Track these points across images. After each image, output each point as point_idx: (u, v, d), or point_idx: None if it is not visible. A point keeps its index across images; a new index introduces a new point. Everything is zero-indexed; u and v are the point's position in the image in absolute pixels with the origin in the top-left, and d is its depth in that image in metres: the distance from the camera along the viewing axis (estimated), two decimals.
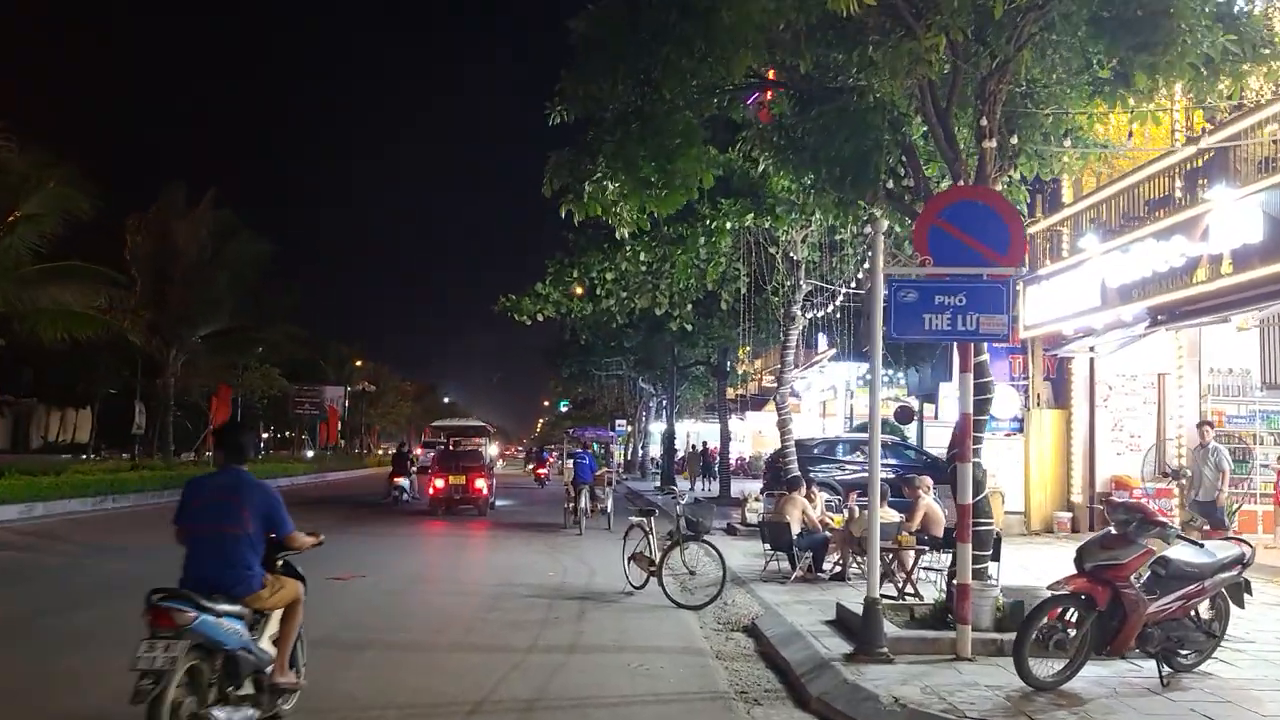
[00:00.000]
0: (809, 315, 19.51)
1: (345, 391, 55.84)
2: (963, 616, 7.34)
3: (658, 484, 35.82)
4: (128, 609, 5.71)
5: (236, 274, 31.51)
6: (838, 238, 19.31)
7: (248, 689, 5.41)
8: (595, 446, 51.49)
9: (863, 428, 32.82)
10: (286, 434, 66.98)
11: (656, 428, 50.77)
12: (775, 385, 27.99)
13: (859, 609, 8.54)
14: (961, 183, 8.53)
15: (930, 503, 11.62)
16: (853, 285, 19.31)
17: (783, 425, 18.98)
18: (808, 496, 12.27)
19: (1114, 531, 6.56)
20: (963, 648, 7.31)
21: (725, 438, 28.55)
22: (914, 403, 32.21)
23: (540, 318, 18.60)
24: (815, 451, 21.12)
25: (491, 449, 30.79)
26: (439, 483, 23.33)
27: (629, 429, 57.10)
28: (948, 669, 7.11)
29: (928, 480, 12.13)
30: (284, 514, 5.77)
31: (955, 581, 7.54)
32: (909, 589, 9.87)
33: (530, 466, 49.38)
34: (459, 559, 14.97)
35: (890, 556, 10.17)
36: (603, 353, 38.36)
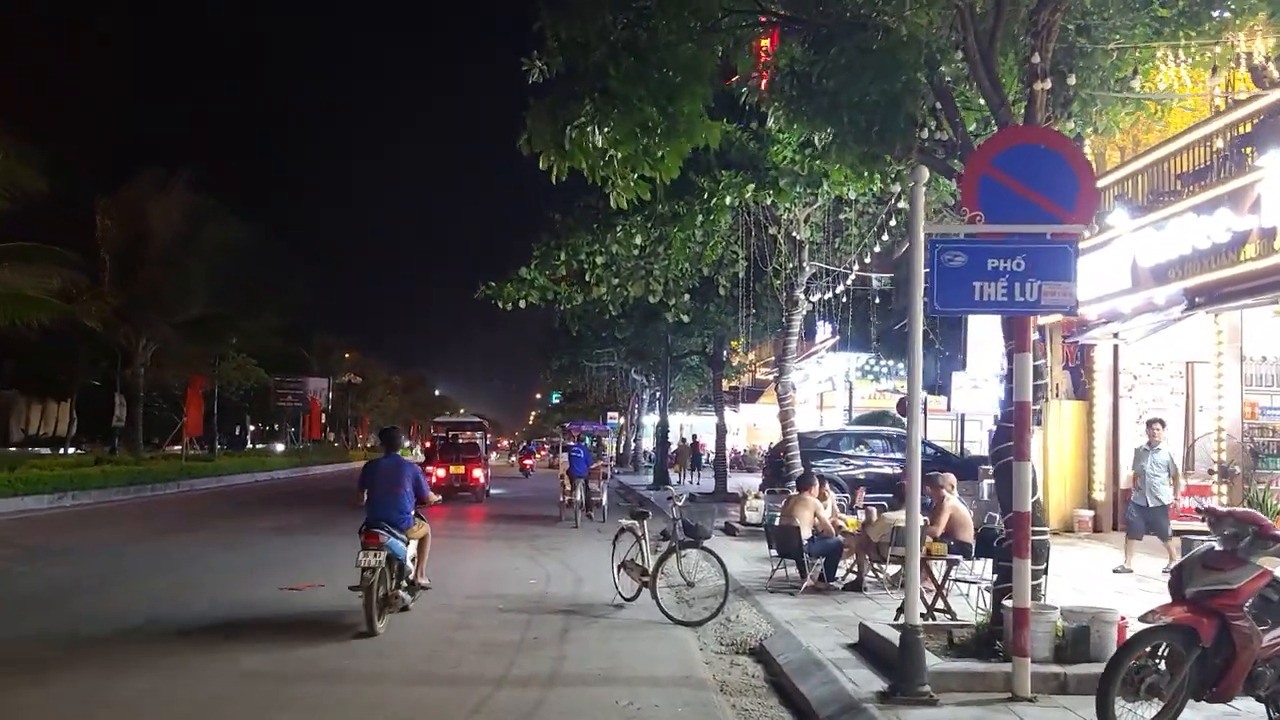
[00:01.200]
0: (813, 299, 18.22)
1: (329, 383, 54.42)
2: (1020, 648, 6.07)
3: (651, 479, 34.58)
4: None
5: (211, 259, 30.10)
6: (842, 217, 18.10)
7: (404, 584, 9.31)
8: (588, 440, 50.51)
9: (864, 420, 31.78)
10: (274, 426, 65.55)
11: (649, 420, 49.56)
12: (775, 376, 26.68)
13: (885, 631, 7.30)
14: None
15: (956, 503, 10.36)
16: (860, 265, 18.06)
17: (785, 417, 17.73)
18: (820, 496, 11.00)
19: (1219, 548, 5.30)
20: (1020, 685, 6.04)
21: (721, 431, 27.28)
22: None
23: (524, 304, 17.31)
24: (819, 445, 19.86)
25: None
26: (440, 472, 25.31)
27: (620, 422, 55.82)
28: (1005, 713, 5.85)
29: (951, 478, 10.87)
30: (424, 483, 9.63)
31: (1011, 604, 6.27)
32: (939, 605, 8.59)
33: (516, 458, 53.04)
34: (434, 563, 13.66)
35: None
36: (594, 344, 37.07)
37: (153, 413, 43.42)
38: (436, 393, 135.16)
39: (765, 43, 11.61)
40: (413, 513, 9.38)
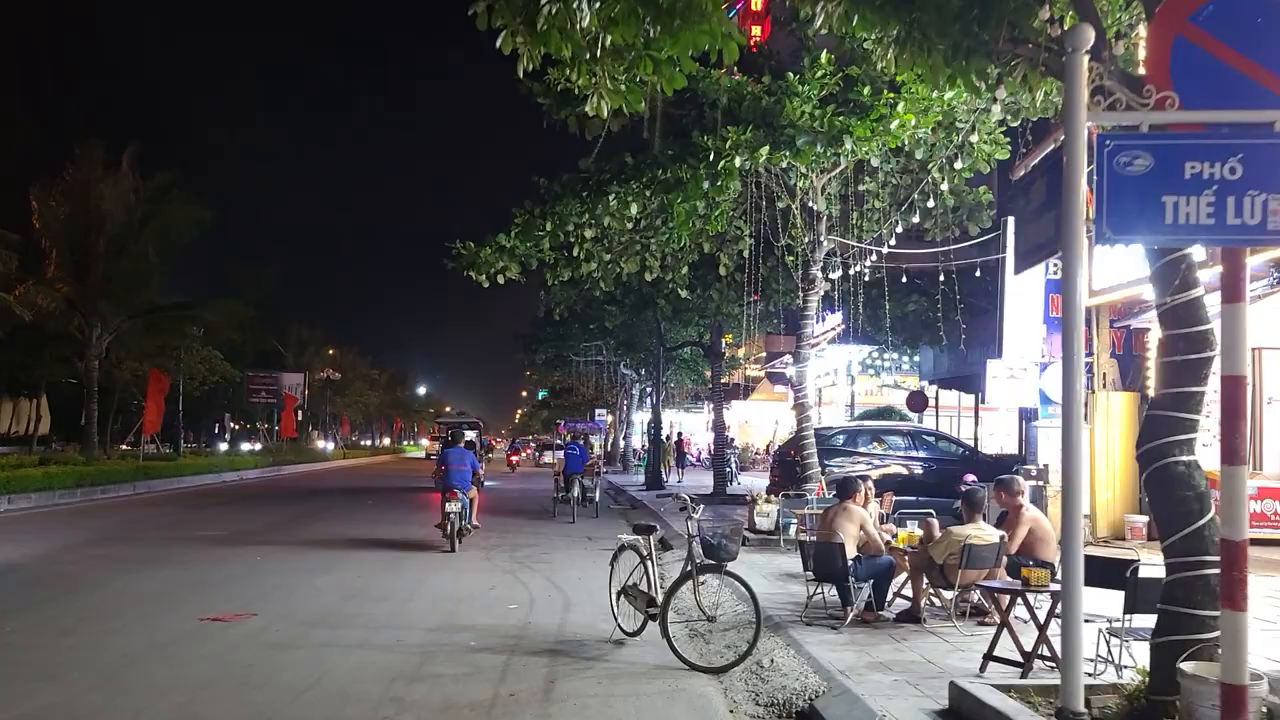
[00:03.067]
0: (833, 276, 16.21)
1: (305, 379, 52.11)
2: None
3: (642, 479, 32.54)
4: None
5: (169, 243, 27.88)
6: (862, 188, 16.14)
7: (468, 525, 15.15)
8: (567, 437, 48.70)
9: (868, 416, 29.62)
10: (253, 424, 63.10)
11: (639, 417, 47.54)
12: (767, 371, 24.80)
13: (993, 697, 5.28)
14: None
15: (1037, 514, 8.38)
16: (884, 242, 16.06)
17: (801, 410, 15.71)
18: (863, 502, 8.97)
19: None
20: None
21: (721, 427, 25.22)
22: (929, 389, 29.09)
23: (501, 279, 15.24)
24: (833, 442, 17.84)
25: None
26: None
27: (609, 418, 53.74)
28: None
29: (1022, 482, 8.89)
30: (479, 464, 16.40)
31: (1208, 673, 4.27)
32: (1043, 650, 6.56)
33: (505, 454, 54.82)
34: (396, 582, 11.63)
35: (1007, 599, 6.87)
36: (580, 335, 35.03)
37: (131, 409, 41.11)
38: (421, 390, 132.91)
39: None
40: (470, 481, 15.44)
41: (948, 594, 8.28)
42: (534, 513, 21.72)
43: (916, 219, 16.03)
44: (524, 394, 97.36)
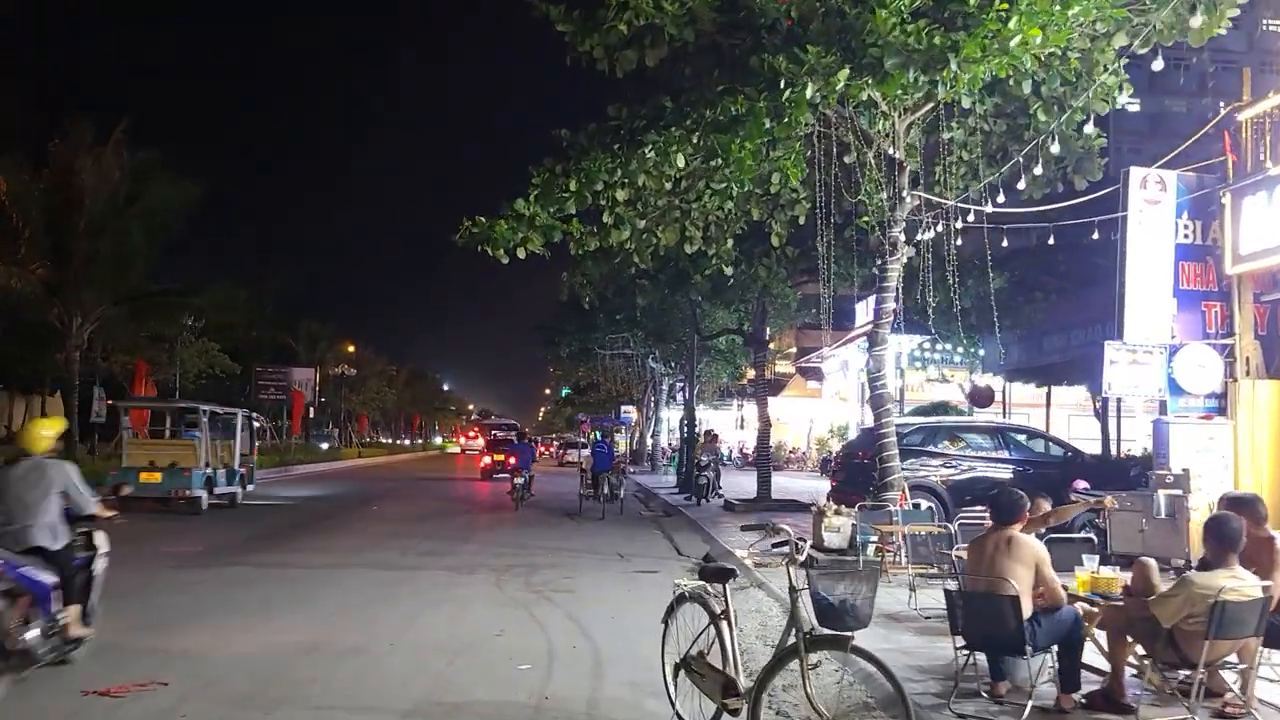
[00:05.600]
0: (924, 236, 13.48)
1: (315, 374, 49.69)
2: None
3: (674, 481, 29.88)
4: None
5: (157, 224, 25.42)
6: (947, 136, 13.39)
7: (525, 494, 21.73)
8: (596, 435, 45.93)
9: (920, 413, 26.65)
10: (276, 422, 60.58)
11: (668, 414, 44.92)
12: (797, 367, 22.33)
13: None
14: None
15: None
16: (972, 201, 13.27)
17: (879, 403, 12.97)
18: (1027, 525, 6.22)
19: None
20: None
21: (765, 423, 22.41)
22: (995, 381, 26.14)
23: (522, 253, 12.65)
24: (906, 441, 14.99)
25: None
26: (487, 460, 36.83)
27: (635, 416, 51.06)
28: None
29: (1264, 504, 6.15)
30: (534, 454, 27.89)
31: None
32: None
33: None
34: (378, 621, 9.04)
35: None
36: (607, 326, 32.42)
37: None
38: (445, 387, 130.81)
39: None
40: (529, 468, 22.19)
41: (1181, 672, 5.53)
42: (554, 521, 19.16)
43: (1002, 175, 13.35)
44: (546, 391, 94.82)
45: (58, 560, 6.62)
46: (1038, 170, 12.83)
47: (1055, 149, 12.78)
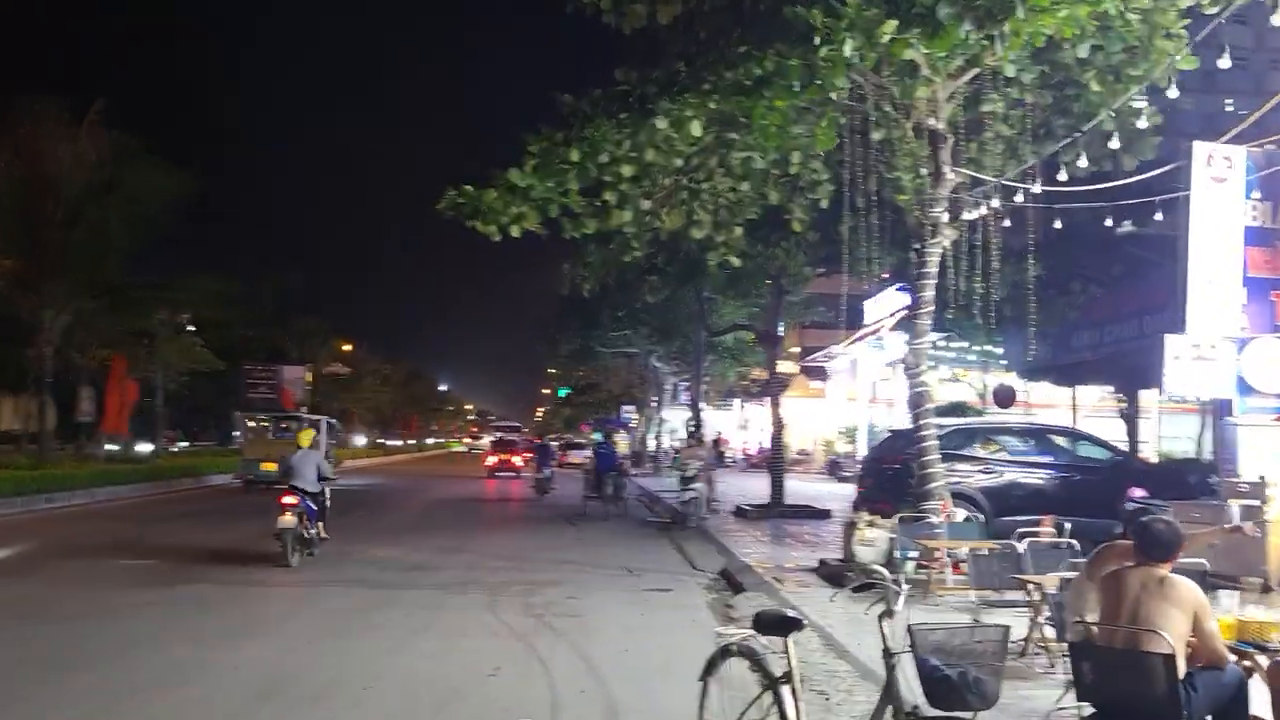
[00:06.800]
0: (970, 216, 12.19)
1: (307, 373, 48.22)
2: None
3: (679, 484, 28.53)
4: None
5: (140, 214, 24.04)
6: (987, 109, 12.10)
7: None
8: (597, 436, 44.61)
9: (938, 412, 25.22)
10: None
11: (672, 415, 43.66)
12: (806, 364, 21.45)
13: None
14: None
15: None
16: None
17: (917, 401, 11.68)
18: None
19: None
20: None
21: (779, 424, 21.09)
22: (1016, 382, 24.75)
23: (516, 230, 11.40)
24: (943, 444, 13.64)
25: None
26: (492, 459, 40.59)
27: (636, 416, 49.70)
28: None
29: None
30: (555, 454, 33.89)
31: None
32: None
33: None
34: (352, 656, 7.77)
35: None
36: (609, 323, 31.16)
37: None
38: (443, 388, 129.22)
39: None
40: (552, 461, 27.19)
41: None
42: (557, 527, 17.89)
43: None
44: (545, 391, 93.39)
45: (315, 499, 12.96)
46: (1082, 160, 11.66)
47: (1110, 125, 11.55)
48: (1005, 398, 23.34)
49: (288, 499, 12.27)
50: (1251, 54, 45.19)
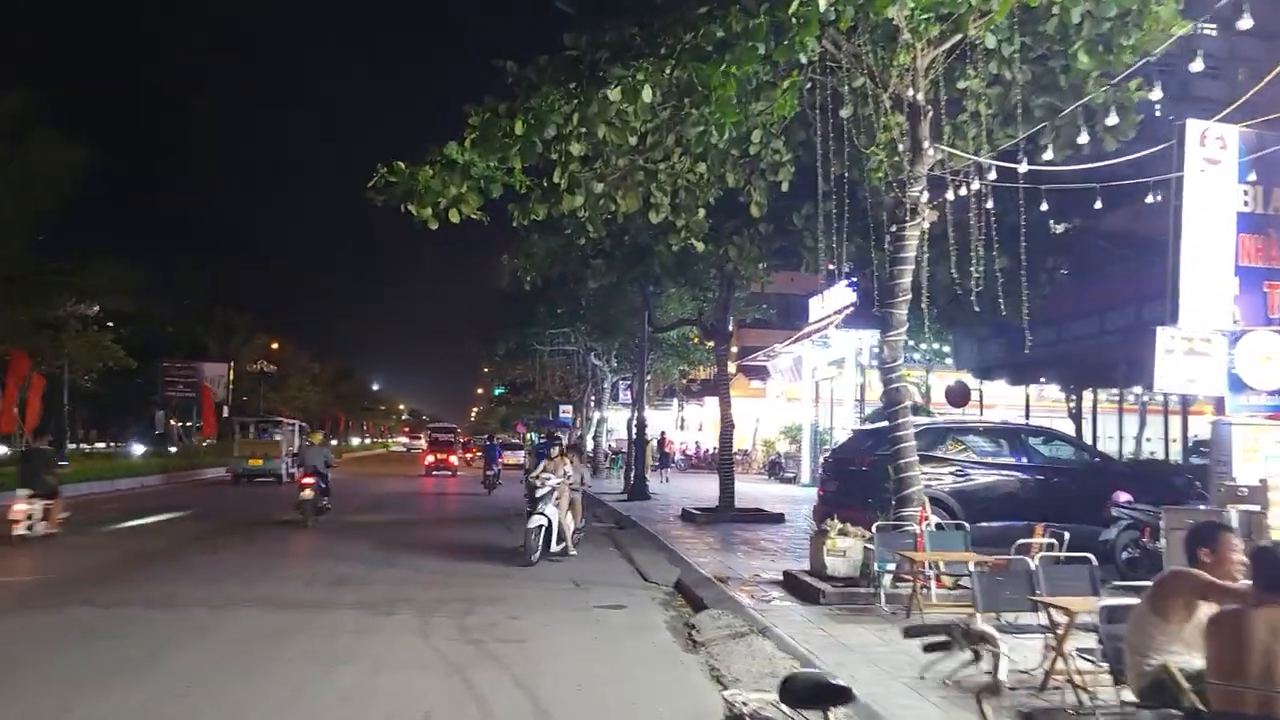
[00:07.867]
0: (950, 197, 11.28)
1: (230, 370, 46.11)
2: None
3: (621, 486, 27.46)
4: None
5: (33, 192, 22.12)
6: (963, 85, 11.23)
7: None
8: (532, 437, 43.21)
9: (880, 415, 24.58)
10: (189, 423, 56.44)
11: (612, 414, 42.56)
12: (765, 356, 20.53)
13: None
14: None
15: None
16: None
17: (892, 398, 10.71)
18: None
19: None
20: None
21: (728, 424, 20.07)
22: (970, 380, 24.10)
23: (455, 215, 10.21)
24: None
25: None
26: (430, 458, 41.88)
27: (574, 416, 48.45)
28: None
29: None
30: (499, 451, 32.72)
31: None
32: None
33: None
34: (257, 692, 6.53)
35: None
36: (549, 320, 29.90)
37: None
38: (375, 387, 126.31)
39: None
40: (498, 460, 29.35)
41: None
42: (495, 533, 16.61)
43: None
44: (479, 391, 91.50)
45: (324, 477, 17.29)
46: (1082, 137, 10.87)
47: (1100, 99, 10.75)
48: (959, 396, 22.66)
49: (307, 479, 16.69)
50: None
